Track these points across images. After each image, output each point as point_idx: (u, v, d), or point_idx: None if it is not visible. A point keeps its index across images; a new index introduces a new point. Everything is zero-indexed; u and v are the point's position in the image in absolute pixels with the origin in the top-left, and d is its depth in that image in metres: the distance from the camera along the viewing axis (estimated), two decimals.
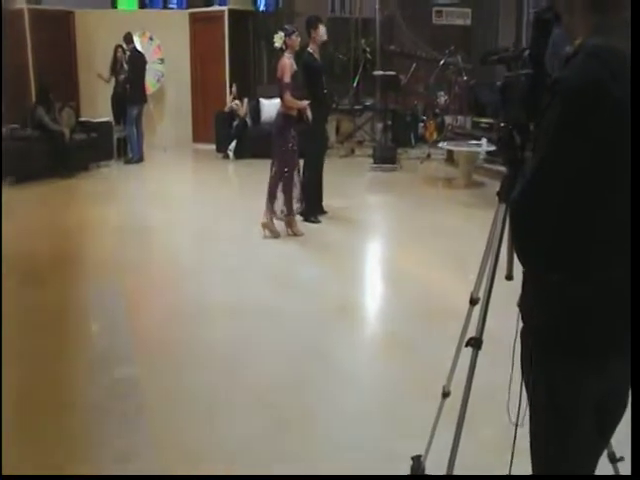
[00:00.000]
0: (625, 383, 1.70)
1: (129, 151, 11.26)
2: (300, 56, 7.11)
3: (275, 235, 6.54)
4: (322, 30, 6.98)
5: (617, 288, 1.56)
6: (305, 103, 6.49)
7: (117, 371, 3.76)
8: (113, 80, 11.34)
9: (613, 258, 1.54)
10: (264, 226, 6.54)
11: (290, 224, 6.61)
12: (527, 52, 2.11)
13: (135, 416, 3.30)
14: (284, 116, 6.49)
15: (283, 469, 2.86)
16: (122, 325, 4.53)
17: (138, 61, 11.20)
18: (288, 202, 6.53)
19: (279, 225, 6.62)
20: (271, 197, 6.52)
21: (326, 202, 7.43)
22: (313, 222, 7.04)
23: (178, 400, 3.49)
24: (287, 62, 6.43)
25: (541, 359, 1.66)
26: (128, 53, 11.19)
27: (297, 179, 6.59)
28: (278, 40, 6.51)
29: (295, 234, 6.59)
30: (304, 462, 2.92)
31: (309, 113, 6.52)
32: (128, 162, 11.10)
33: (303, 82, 7.15)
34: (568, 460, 1.70)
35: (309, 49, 7.05)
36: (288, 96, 6.39)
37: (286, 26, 6.76)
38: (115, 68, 11.28)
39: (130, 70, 11.11)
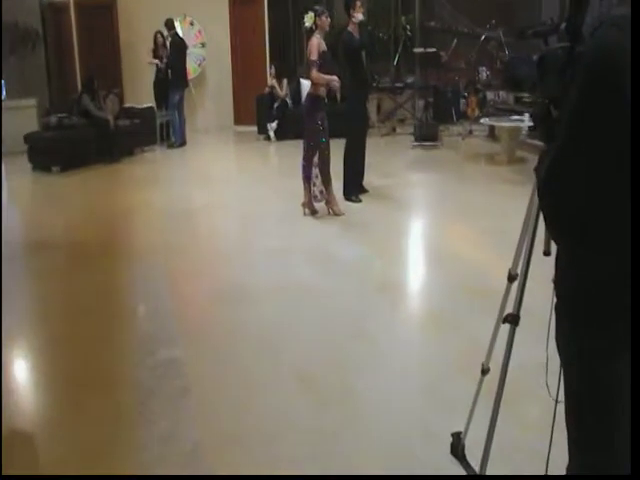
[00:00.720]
0: None
1: (172, 135, 11.42)
2: (339, 36, 7.11)
3: (313, 212, 6.64)
4: (358, 10, 6.94)
5: None
6: (334, 77, 6.47)
7: (162, 352, 3.84)
8: (154, 65, 11.47)
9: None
10: (304, 205, 6.68)
11: (330, 203, 6.65)
12: (564, 25, 2.09)
13: (179, 397, 3.37)
14: (313, 97, 6.52)
15: (323, 448, 2.90)
16: (167, 307, 4.63)
17: (179, 47, 11.31)
18: (326, 182, 6.57)
19: (320, 205, 6.68)
20: (306, 178, 6.59)
21: (368, 181, 7.45)
22: (354, 201, 7.07)
23: (221, 380, 3.56)
24: (315, 42, 6.42)
25: (574, 334, 1.66)
26: (169, 39, 11.30)
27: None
28: (308, 20, 6.53)
29: (336, 214, 6.62)
30: (345, 440, 2.96)
31: (338, 88, 6.52)
32: (171, 146, 11.26)
33: (343, 61, 7.18)
34: (604, 433, 1.70)
35: (348, 28, 7.03)
36: (315, 72, 6.38)
37: (316, 6, 6.74)
38: (157, 53, 11.41)
39: (171, 55, 11.23)
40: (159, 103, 11.55)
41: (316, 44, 6.41)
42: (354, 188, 7.16)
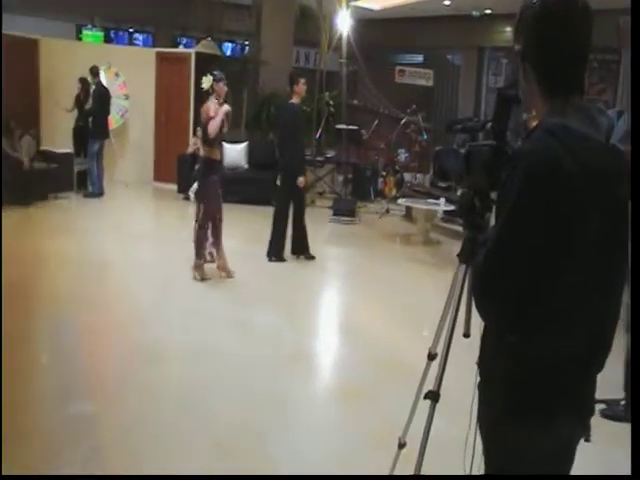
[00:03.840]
0: (574, 441, 1.82)
1: (89, 184, 11.20)
2: (281, 108, 7.60)
3: (203, 278, 6.56)
4: (302, 85, 7.38)
5: (572, 351, 1.68)
6: (224, 108, 6.47)
7: (73, 407, 3.73)
8: (76, 112, 11.31)
9: (572, 324, 1.67)
10: (194, 269, 6.62)
11: (221, 267, 6.69)
12: (490, 124, 2.27)
13: (89, 451, 3.27)
14: (208, 160, 6.58)
15: None
16: (77, 361, 4.49)
17: (103, 95, 11.21)
18: (217, 245, 6.63)
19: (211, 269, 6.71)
20: (199, 241, 6.57)
21: (285, 251, 7.62)
22: (276, 261, 7.40)
23: (134, 440, 3.49)
24: (212, 106, 6.43)
25: (497, 414, 1.77)
26: (93, 87, 11.20)
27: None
28: (206, 82, 6.53)
29: (229, 276, 6.67)
30: None
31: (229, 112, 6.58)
32: (87, 195, 11.03)
33: (287, 133, 7.49)
34: None
35: (292, 101, 7.41)
36: (211, 124, 6.33)
37: (215, 72, 6.75)
38: (79, 100, 11.27)
39: (94, 104, 11.10)
40: (78, 150, 11.34)
41: (213, 108, 6.42)
42: (277, 249, 7.49)
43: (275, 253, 7.49)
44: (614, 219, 1.70)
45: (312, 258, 7.69)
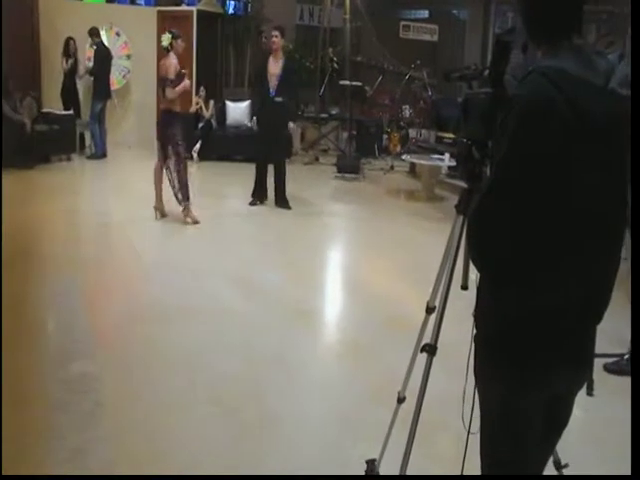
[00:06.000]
0: (571, 393, 1.79)
1: (92, 146, 11.13)
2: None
3: (163, 215, 7.12)
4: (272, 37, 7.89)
5: (569, 302, 1.64)
6: (185, 83, 6.83)
7: (75, 366, 3.74)
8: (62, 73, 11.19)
9: (566, 273, 1.62)
10: (156, 209, 7.11)
11: (187, 211, 7.00)
12: (487, 71, 2.20)
13: (91, 412, 3.29)
14: (167, 112, 6.86)
15: (240, 473, 2.89)
16: (79, 321, 4.51)
17: (104, 56, 11.11)
18: (184, 191, 6.96)
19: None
20: (158, 181, 7.12)
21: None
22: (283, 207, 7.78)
23: (135, 399, 3.49)
24: (173, 62, 6.75)
25: (492, 366, 1.74)
26: (94, 47, 11.07)
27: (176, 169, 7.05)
28: (166, 40, 6.84)
29: (194, 221, 6.98)
30: (261, 466, 2.96)
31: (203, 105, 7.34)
32: (90, 157, 10.96)
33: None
34: (516, 464, 1.78)
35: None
36: (171, 90, 6.69)
37: (173, 30, 7.08)
38: (67, 61, 11.15)
39: (95, 64, 11.00)
40: (67, 109, 11.21)
41: (174, 64, 6.73)
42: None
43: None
44: (612, 164, 1.64)
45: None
